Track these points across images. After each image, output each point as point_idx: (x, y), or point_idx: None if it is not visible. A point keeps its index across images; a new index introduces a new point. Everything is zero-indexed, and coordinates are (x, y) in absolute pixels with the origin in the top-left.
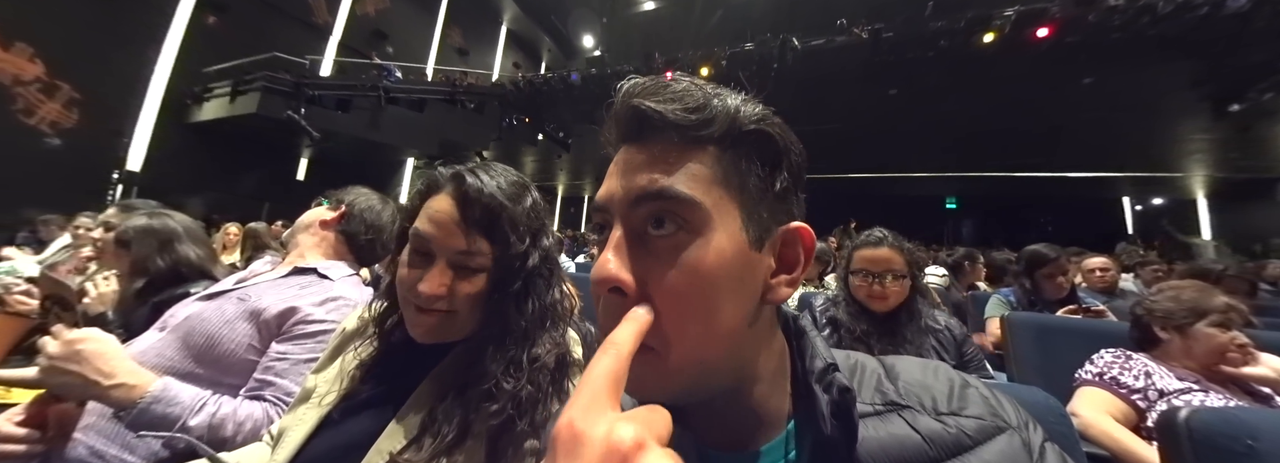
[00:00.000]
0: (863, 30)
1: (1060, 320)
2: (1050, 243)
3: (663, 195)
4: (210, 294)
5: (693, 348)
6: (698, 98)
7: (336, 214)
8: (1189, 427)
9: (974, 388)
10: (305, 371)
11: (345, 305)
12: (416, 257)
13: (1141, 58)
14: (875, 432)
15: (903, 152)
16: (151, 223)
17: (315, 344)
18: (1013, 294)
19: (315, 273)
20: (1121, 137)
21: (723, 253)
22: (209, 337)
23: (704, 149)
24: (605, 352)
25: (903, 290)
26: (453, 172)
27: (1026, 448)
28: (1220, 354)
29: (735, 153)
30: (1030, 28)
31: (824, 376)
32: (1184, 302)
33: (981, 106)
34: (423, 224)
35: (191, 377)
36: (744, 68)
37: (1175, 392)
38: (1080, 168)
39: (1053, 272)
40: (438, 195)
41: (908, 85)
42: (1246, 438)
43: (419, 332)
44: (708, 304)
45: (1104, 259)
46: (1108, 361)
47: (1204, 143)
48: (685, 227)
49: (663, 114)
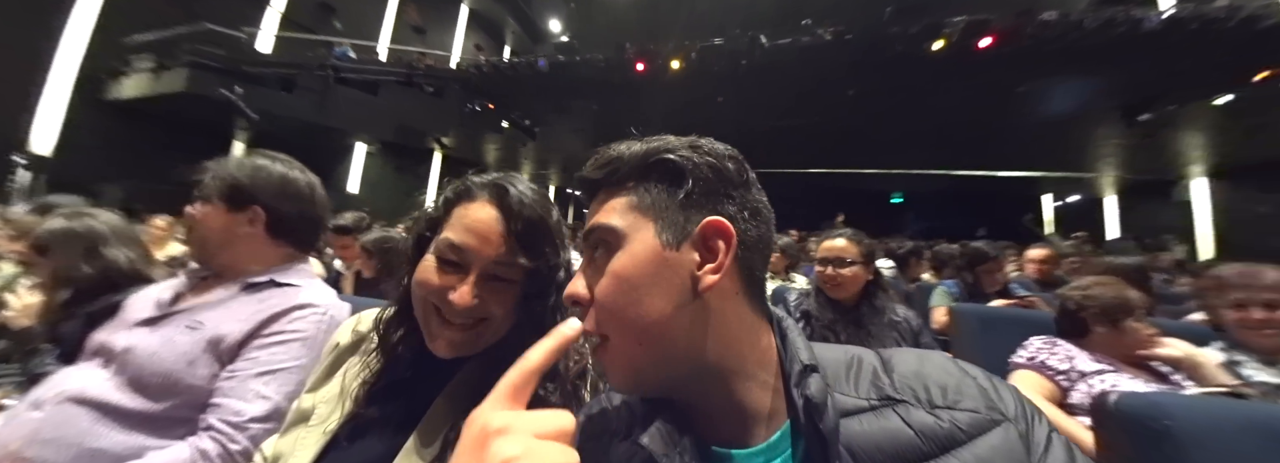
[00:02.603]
0: (826, 31)
1: (998, 311)
2: (987, 239)
3: (595, 229)
4: (148, 320)
5: (627, 335)
6: (609, 156)
7: (245, 216)
8: (1118, 409)
9: (972, 379)
10: (256, 386)
11: (315, 313)
12: (445, 267)
13: (1069, 69)
14: (868, 427)
15: (856, 148)
16: (72, 226)
17: (269, 357)
18: (955, 286)
19: (273, 284)
20: (1046, 140)
21: (636, 257)
22: (165, 376)
23: (625, 187)
24: (516, 364)
25: (856, 276)
26: (490, 180)
27: (1024, 441)
28: (1140, 344)
29: (645, 181)
30: (975, 37)
31: (801, 379)
32: (1117, 300)
33: (929, 109)
34: (458, 234)
35: (142, 417)
36: (714, 63)
37: (1092, 373)
38: (1009, 167)
39: (991, 268)
40: (473, 204)
41: (864, 86)
42: (1163, 419)
43: (442, 345)
44: (630, 297)
45: (1044, 252)
46: (1037, 347)
47: (1114, 147)
48: (610, 247)
49: (586, 176)
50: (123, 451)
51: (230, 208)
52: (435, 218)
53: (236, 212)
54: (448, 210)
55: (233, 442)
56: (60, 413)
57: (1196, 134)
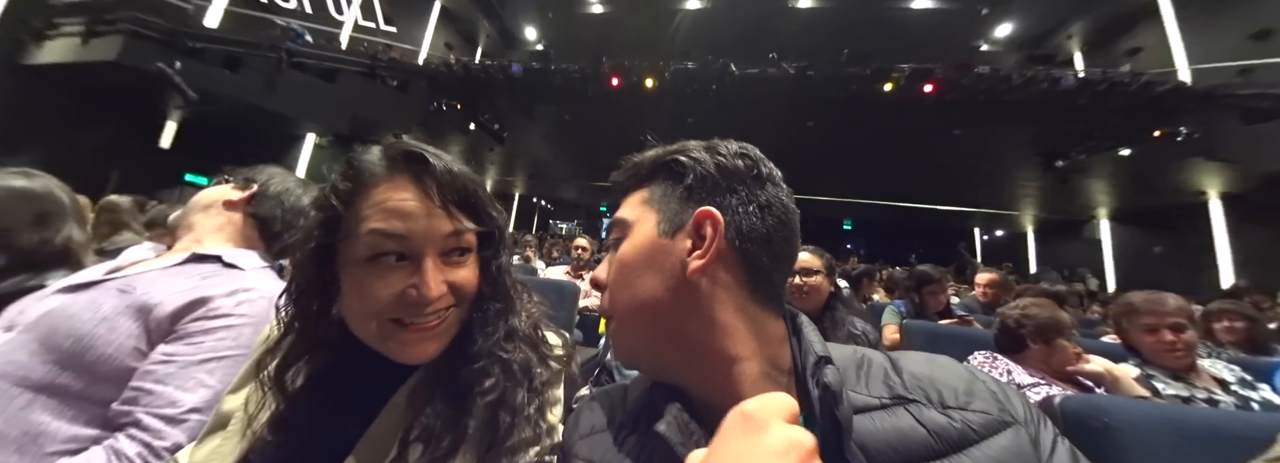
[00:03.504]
0: (791, 66)
1: (945, 329)
2: (930, 263)
3: (614, 223)
4: (74, 286)
5: (626, 313)
6: (633, 162)
7: (246, 194)
8: (1062, 410)
9: (982, 383)
10: (200, 375)
11: (260, 298)
12: (386, 265)
13: (997, 118)
14: (880, 425)
15: (812, 177)
16: (31, 186)
17: (216, 342)
18: (903, 306)
19: (220, 261)
20: (976, 179)
21: (636, 244)
22: (78, 338)
23: (643, 185)
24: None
25: (821, 286)
26: (393, 153)
27: (1034, 443)
28: (1069, 360)
29: (653, 179)
30: (921, 83)
31: (816, 369)
32: (1052, 320)
33: (877, 144)
34: (385, 222)
35: (50, 388)
36: (686, 85)
37: (1028, 385)
38: (945, 202)
39: (935, 289)
40: (382, 185)
41: (822, 119)
42: (1103, 417)
43: (426, 350)
44: (628, 279)
45: (992, 275)
46: (979, 361)
47: (1034, 189)
48: (623, 236)
49: (615, 180)
50: (18, 435)
51: (237, 185)
52: (332, 218)
53: (239, 188)
54: (349, 203)
55: (160, 438)
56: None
57: (1103, 181)
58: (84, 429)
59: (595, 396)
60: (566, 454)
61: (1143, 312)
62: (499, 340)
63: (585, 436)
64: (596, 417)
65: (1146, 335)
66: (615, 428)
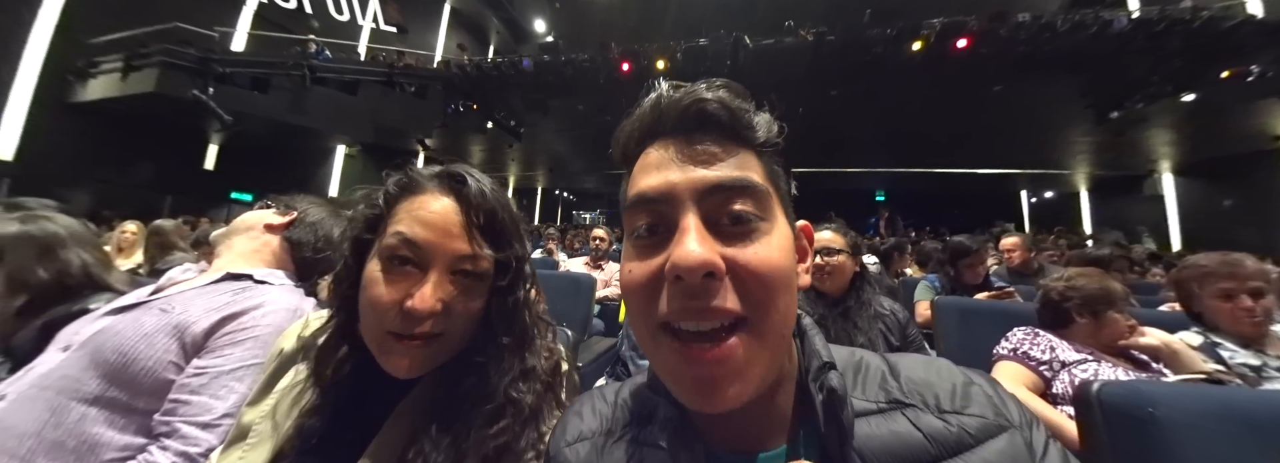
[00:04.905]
0: (809, 33)
1: (979, 304)
2: (969, 234)
3: (741, 185)
4: (122, 307)
5: (768, 330)
6: (740, 104)
7: (286, 219)
8: (1100, 398)
9: (978, 386)
10: (231, 383)
11: (283, 310)
12: (397, 270)
13: (1041, 70)
14: (877, 430)
15: (840, 149)
16: (27, 228)
17: (244, 352)
18: (937, 280)
19: (251, 279)
20: (1019, 138)
21: (785, 239)
22: (122, 353)
23: (749, 150)
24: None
25: (844, 266)
26: (441, 170)
27: (1029, 447)
28: (1120, 334)
29: (769, 159)
30: (952, 39)
31: (820, 374)
32: (1101, 291)
33: (908, 109)
34: (410, 228)
35: (102, 401)
36: (699, 63)
37: (1074, 362)
38: (987, 165)
39: (973, 262)
40: (422, 195)
41: (846, 87)
42: (1147, 406)
43: (401, 365)
44: (783, 284)
45: (1015, 239)
46: (1020, 338)
47: (1087, 145)
48: (764, 215)
49: (732, 112)
50: (76, 444)
51: (279, 210)
52: (375, 216)
53: (280, 213)
54: (391, 207)
55: (194, 444)
56: (21, 400)
57: (1165, 131)
58: (135, 438)
59: (582, 399)
60: (551, 461)
61: (1219, 275)
62: (514, 380)
63: (572, 443)
64: (584, 423)
65: (1222, 302)
66: (604, 435)
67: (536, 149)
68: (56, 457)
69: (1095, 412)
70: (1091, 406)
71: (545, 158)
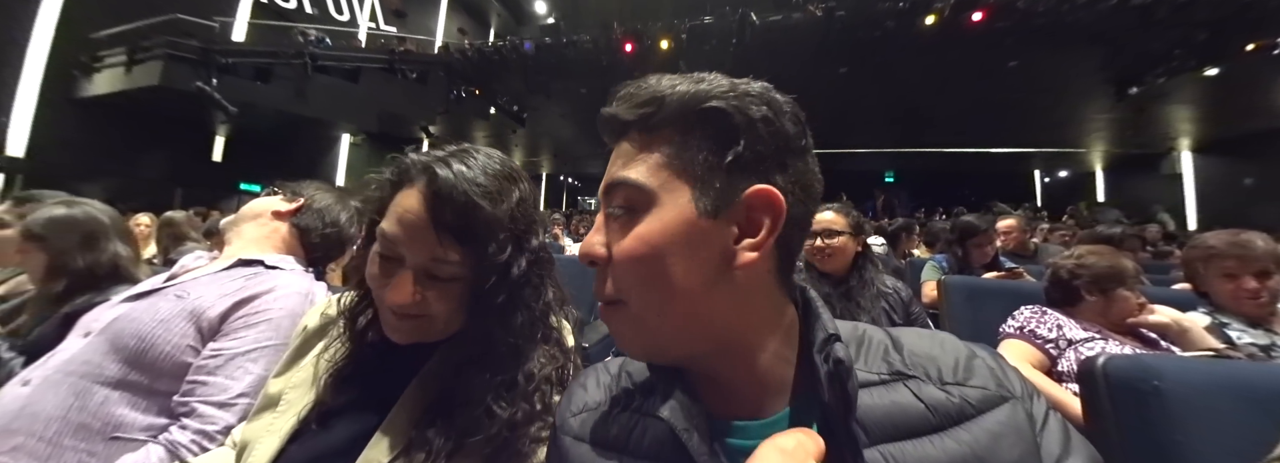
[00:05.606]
0: (817, 8)
1: (987, 283)
2: (977, 213)
3: (620, 185)
4: (138, 294)
5: (648, 305)
6: (648, 93)
7: (294, 205)
8: (1105, 372)
9: (980, 359)
10: (246, 364)
11: (295, 293)
12: (384, 259)
13: (1059, 44)
14: (879, 400)
15: (848, 129)
16: (72, 213)
17: (258, 334)
18: (945, 260)
19: (262, 265)
20: (1035, 115)
21: (666, 223)
22: (140, 338)
23: (661, 136)
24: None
25: (845, 247)
26: (425, 162)
27: (1030, 418)
28: (1129, 312)
29: (686, 134)
30: (967, 12)
31: (825, 346)
32: (1111, 269)
33: (919, 87)
34: (389, 224)
35: (123, 384)
36: (704, 42)
37: (1081, 340)
38: (1000, 144)
39: (981, 241)
40: (407, 190)
41: (856, 64)
42: (1153, 380)
43: (396, 335)
44: (656, 267)
45: (1011, 222)
46: (1027, 316)
47: (1104, 122)
48: (637, 206)
49: (617, 115)
50: (102, 426)
51: (286, 197)
52: (380, 202)
53: (288, 200)
54: (390, 194)
55: (212, 423)
56: (46, 385)
57: (1185, 107)
58: (157, 419)
59: (587, 372)
60: (557, 432)
61: (1226, 255)
62: (499, 391)
63: (577, 413)
64: (588, 394)
65: (1226, 282)
66: (609, 406)
67: (540, 134)
68: (82, 438)
69: (1100, 385)
70: (1096, 379)
71: (549, 143)
